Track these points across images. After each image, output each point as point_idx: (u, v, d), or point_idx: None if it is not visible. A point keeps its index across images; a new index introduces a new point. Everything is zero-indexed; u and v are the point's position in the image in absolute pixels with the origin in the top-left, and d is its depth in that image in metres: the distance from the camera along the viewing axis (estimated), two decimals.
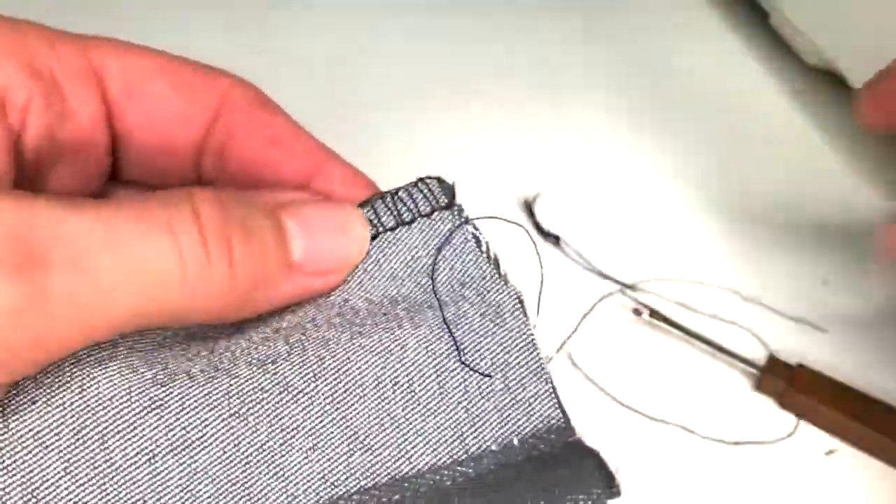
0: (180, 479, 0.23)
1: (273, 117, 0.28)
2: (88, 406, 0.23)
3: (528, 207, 0.39)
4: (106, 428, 0.23)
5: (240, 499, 0.24)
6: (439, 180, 0.28)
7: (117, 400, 0.23)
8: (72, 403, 0.23)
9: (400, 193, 0.28)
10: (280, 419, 0.24)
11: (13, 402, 0.23)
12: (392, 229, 0.27)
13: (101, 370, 0.23)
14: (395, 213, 0.28)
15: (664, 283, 0.37)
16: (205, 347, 0.25)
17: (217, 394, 0.24)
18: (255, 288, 0.23)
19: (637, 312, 0.34)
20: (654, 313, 0.34)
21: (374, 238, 0.27)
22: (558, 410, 0.26)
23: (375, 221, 0.27)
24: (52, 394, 0.23)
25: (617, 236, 0.40)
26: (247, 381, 0.24)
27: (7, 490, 0.22)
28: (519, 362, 0.26)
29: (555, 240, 0.38)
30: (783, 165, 0.44)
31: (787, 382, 0.32)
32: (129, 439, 0.23)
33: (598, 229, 0.39)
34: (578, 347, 0.34)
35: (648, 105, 0.46)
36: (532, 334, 0.27)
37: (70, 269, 0.19)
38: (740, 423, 0.32)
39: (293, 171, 0.28)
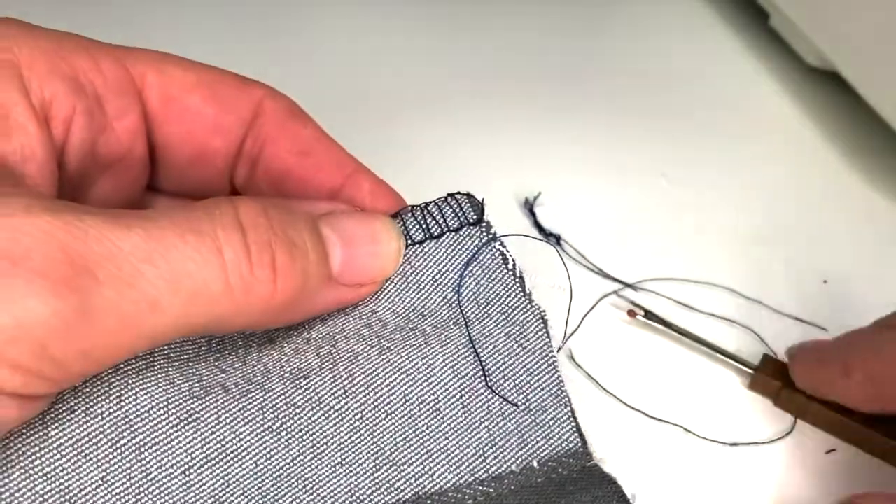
0: (213, 490, 0.24)
1: (304, 129, 0.28)
2: (127, 417, 0.24)
3: (529, 207, 0.40)
4: (143, 439, 0.24)
5: None
6: (469, 196, 0.29)
7: (155, 412, 0.24)
8: (110, 414, 0.24)
9: (430, 207, 0.28)
10: (311, 434, 0.25)
11: (52, 410, 0.23)
12: (420, 242, 0.28)
13: (138, 381, 0.24)
14: (425, 226, 0.28)
15: (664, 283, 0.38)
16: (238, 359, 0.26)
17: (252, 408, 0.25)
18: (296, 299, 0.24)
19: (632, 314, 0.34)
20: (648, 314, 0.35)
21: None
22: (576, 434, 0.27)
23: (405, 234, 0.28)
24: (91, 403, 0.23)
25: (617, 236, 0.40)
26: (280, 396, 0.25)
27: (46, 497, 0.23)
28: (541, 384, 0.27)
29: (555, 239, 0.39)
30: (783, 165, 0.44)
31: (781, 382, 0.33)
32: (166, 451, 0.24)
33: (598, 229, 0.40)
34: (579, 346, 0.34)
35: (649, 105, 0.46)
36: (554, 356, 0.28)
37: (117, 283, 0.20)
38: (737, 423, 0.33)
39: (322, 182, 0.28)
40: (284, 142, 0.28)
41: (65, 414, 0.23)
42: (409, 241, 0.28)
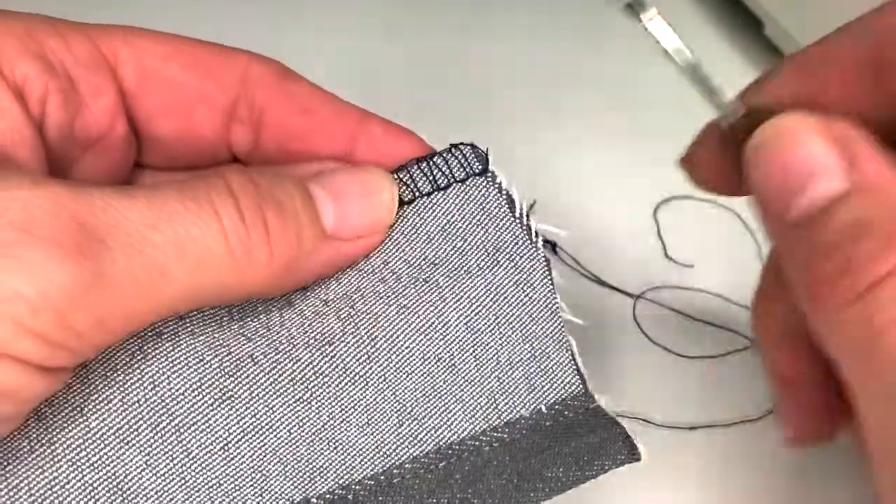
0: (252, 461, 0.25)
1: (300, 87, 0.28)
2: (163, 402, 0.24)
3: (527, 211, 0.40)
4: (181, 421, 0.24)
5: (305, 474, 0.26)
6: (472, 146, 0.29)
7: (190, 394, 0.24)
8: (147, 400, 0.24)
9: (435, 159, 0.28)
10: (339, 401, 0.26)
11: (90, 403, 0.23)
12: (428, 194, 0.28)
13: (168, 365, 0.24)
14: (431, 178, 0.28)
15: (662, 291, 0.39)
16: (261, 324, 0.26)
17: (282, 381, 0.25)
18: (295, 260, 0.24)
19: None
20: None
21: (410, 203, 0.28)
22: (578, 377, 0.29)
23: (412, 186, 0.28)
24: (127, 392, 0.24)
25: (614, 243, 0.40)
26: (308, 366, 0.26)
27: (95, 485, 0.23)
28: (545, 332, 0.29)
29: (551, 247, 0.38)
30: None
31: None
32: (204, 430, 0.24)
33: (594, 236, 0.40)
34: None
35: (645, 113, 0.46)
36: (557, 302, 0.29)
37: (127, 250, 0.20)
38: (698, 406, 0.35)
39: (331, 136, 0.28)
40: (283, 104, 0.27)
41: (103, 405, 0.24)
42: (418, 193, 0.28)
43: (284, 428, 0.25)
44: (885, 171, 0.20)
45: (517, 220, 0.29)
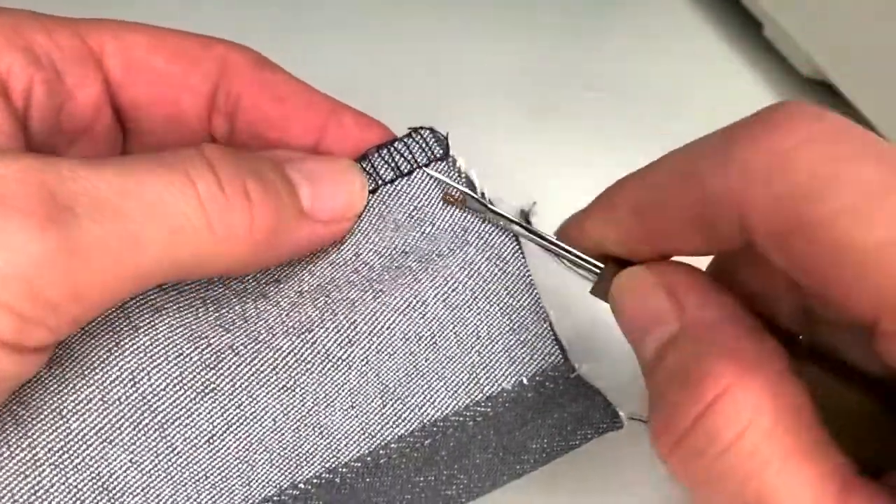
0: (238, 452, 0.25)
1: (274, 76, 0.28)
2: (144, 398, 0.24)
3: (525, 217, 0.39)
4: (164, 417, 0.24)
5: (291, 460, 0.26)
6: (432, 130, 0.29)
7: (171, 389, 0.24)
8: (127, 398, 0.24)
9: (396, 145, 0.28)
10: (323, 386, 0.26)
11: (68, 404, 0.23)
12: (391, 181, 0.28)
13: (148, 360, 0.24)
14: (393, 165, 0.28)
15: None
16: (237, 315, 0.26)
17: (265, 370, 0.25)
18: (274, 232, 0.24)
19: (449, 199, 0.29)
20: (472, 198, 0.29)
21: (373, 192, 0.28)
22: (556, 347, 0.29)
23: (374, 175, 0.28)
24: (106, 390, 0.23)
25: None
26: (290, 353, 0.25)
27: (80, 487, 0.23)
28: (521, 304, 0.29)
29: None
30: None
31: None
32: (188, 424, 0.24)
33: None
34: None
35: (643, 116, 0.45)
36: (530, 275, 0.29)
37: (98, 218, 0.20)
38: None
39: (303, 125, 0.28)
40: (257, 91, 0.28)
41: (82, 405, 0.23)
42: (381, 181, 0.28)
43: (269, 417, 0.25)
44: (708, 312, 0.22)
45: (481, 200, 0.29)
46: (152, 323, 0.24)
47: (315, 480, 0.26)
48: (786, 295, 0.24)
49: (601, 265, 0.26)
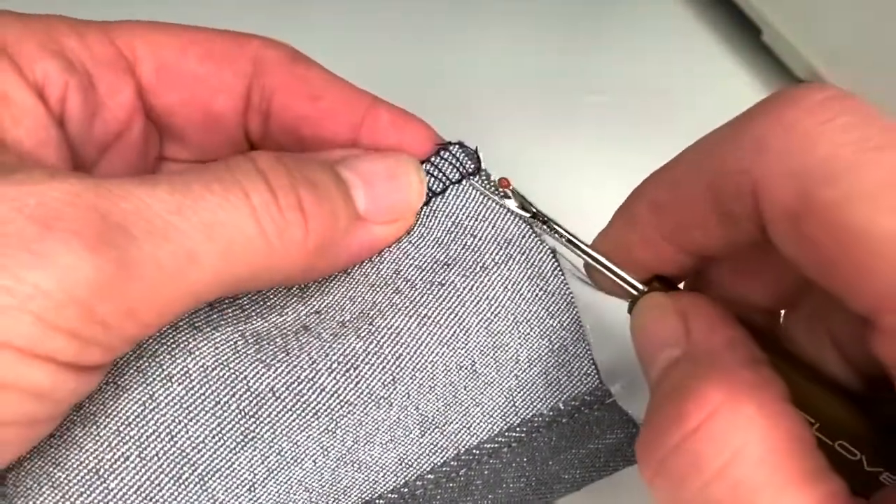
0: (278, 496, 0.24)
1: (309, 71, 0.27)
2: (183, 452, 0.23)
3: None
4: (205, 469, 0.23)
5: (330, 495, 0.25)
6: (461, 145, 0.27)
7: (210, 440, 0.23)
8: (166, 453, 0.22)
9: (426, 167, 0.27)
10: (364, 426, 0.25)
11: (105, 463, 0.22)
12: (426, 203, 0.27)
13: (183, 412, 0.23)
14: (427, 184, 0.27)
15: None
16: (278, 348, 0.24)
17: (306, 414, 0.24)
18: (330, 240, 0.23)
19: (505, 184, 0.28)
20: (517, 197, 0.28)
21: None
22: (594, 368, 0.28)
23: None
24: (144, 446, 0.22)
25: None
26: (333, 395, 0.24)
27: None
28: (562, 324, 0.28)
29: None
30: None
31: None
32: (228, 475, 0.23)
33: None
34: None
35: (642, 122, 0.45)
36: (570, 293, 0.28)
37: (152, 238, 0.19)
38: None
39: (339, 122, 0.27)
40: (293, 89, 0.26)
41: (120, 463, 0.22)
42: None
43: (310, 459, 0.24)
44: (712, 338, 0.22)
45: (518, 213, 0.27)
46: (186, 369, 0.23)
47: None
48: (762, 302, 0.25)
49: (640, 286, 0.25)
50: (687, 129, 0.25)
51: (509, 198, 0.27)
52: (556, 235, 0.27)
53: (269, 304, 0.25)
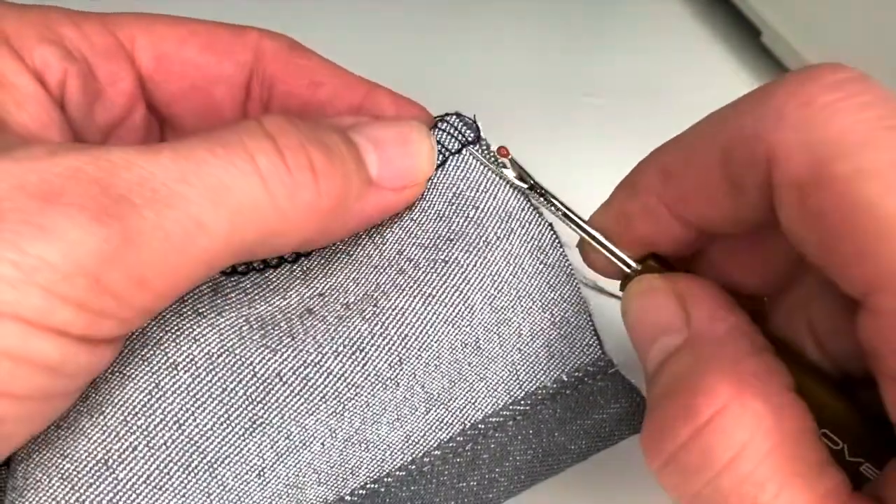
0: (288, 479, 0.24)
1: (309, 61, 0.27)
2: (191, 440, 0.22)
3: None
4: (213, 456, 0.23)
5: (338, 476, 0.25)
6: (458, 115, 0.27)
7: (218, 428, 0.23)
8: (174, 441, 0.22)
9: None
10: (371, 407, 0.25)
11: (113, 453, 0.22)
12: None
13: (190, 400, 0.22)
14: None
15: None
16: (284, 333, 0.24)
17: (314, 398, 0.24)
18: (342, 203, 0.23)
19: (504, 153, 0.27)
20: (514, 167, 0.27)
21: None
22: (596, 339, 0.28)
23: None
24: (151, 435, 0.22)
25: None
26: (340, 378, 0.24)
27: None
28: (563, 297, 0.28)
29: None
30: None
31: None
32: (238, 461, 0.23)
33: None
34: None
35: (642, 124, 0.42)
36: (570, 265, 0.28)
37: (157, 205, 0.19)
38: None
39: (340, 107, 0.27)
40: (293, 77, 0.26)
41: (128, 453, 0.22)
42: None
43: (318, 442, 0.24)
44: (714, 325, 0.22)
45: (516, 184, 0.27)
46: (191, 357, 0.23)
47: (360, 491, 0.26)
48: (749, 288, 0.24)
49: (634, 264, 0.25)
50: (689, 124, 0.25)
51: (507, 168, 0.27)
52: (553, 208, 0.26)
53: (272, 286, 0.25)
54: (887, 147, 0.18)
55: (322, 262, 0.26)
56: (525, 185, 0.27)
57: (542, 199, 0.27)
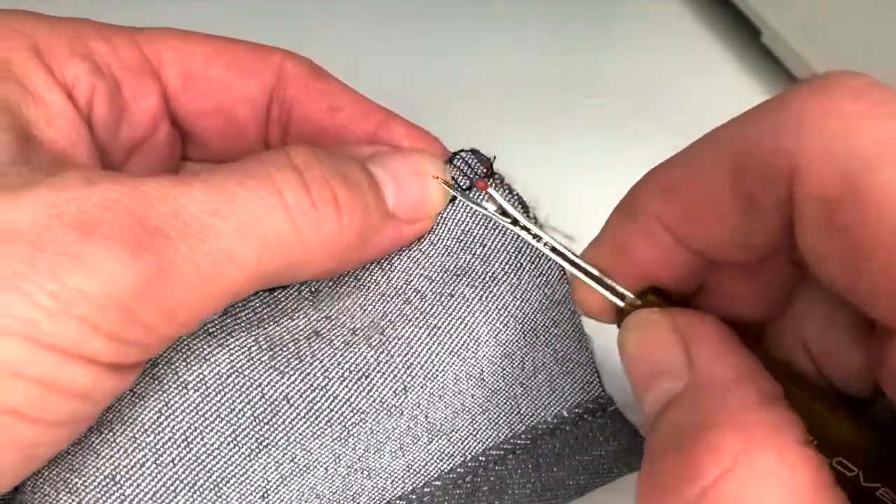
0: (291, 501, 0.24)
1: (328, 85, 0.28)
2: (198, 459, 0.23)
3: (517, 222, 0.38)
4: (219, 476, 0.23)
5: (340, 502, 0.25)
6: (474, 151, 0.28)
7: (225, 447, 0.23)
8: (181, 459, 0.23)
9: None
10: (375, 434, 0.25)
11: (121, 469, 0.22)
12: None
13: (199, 419, 0.23)
14: None
15: None
16: (291, 355, 0.25)
17: (319, 422, 0.24)
18: (363, 235, 0.23)
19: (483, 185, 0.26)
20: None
21: None
22: (596, 377, 0.29)
23: None
24: (159, 453, 0.22)
25: None
26: (345, 403, 0.25)
27: None
28: (566, 333, 0.28)
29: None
30: None
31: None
32: (243, 481, 0.23)
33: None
34: None
35: (642, 124, 0.44)
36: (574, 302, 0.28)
37: (189, 239, 0.20)
38: None
39: (356, 134, 0.27)
40: (312, 101, 0.27)
41: (136, 469, 0.22)
42: None
43: (322, 467, 0.25)
44: (720, 370, 0.20)
45: (532, 221, 0.27)
46: (201, 376, 0.23)
47: None
48: (749, 317, 0.23)
49: (630, 295, 0.22)
50: (686, 131, 0.25)
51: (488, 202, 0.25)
52: (542, 243, 0.24)
53: (280, 307, 0.25)
54: None
55: (330, 283, 0.26)
56: (508, 220, 0.25)
57: (527, 233, 0.25)
